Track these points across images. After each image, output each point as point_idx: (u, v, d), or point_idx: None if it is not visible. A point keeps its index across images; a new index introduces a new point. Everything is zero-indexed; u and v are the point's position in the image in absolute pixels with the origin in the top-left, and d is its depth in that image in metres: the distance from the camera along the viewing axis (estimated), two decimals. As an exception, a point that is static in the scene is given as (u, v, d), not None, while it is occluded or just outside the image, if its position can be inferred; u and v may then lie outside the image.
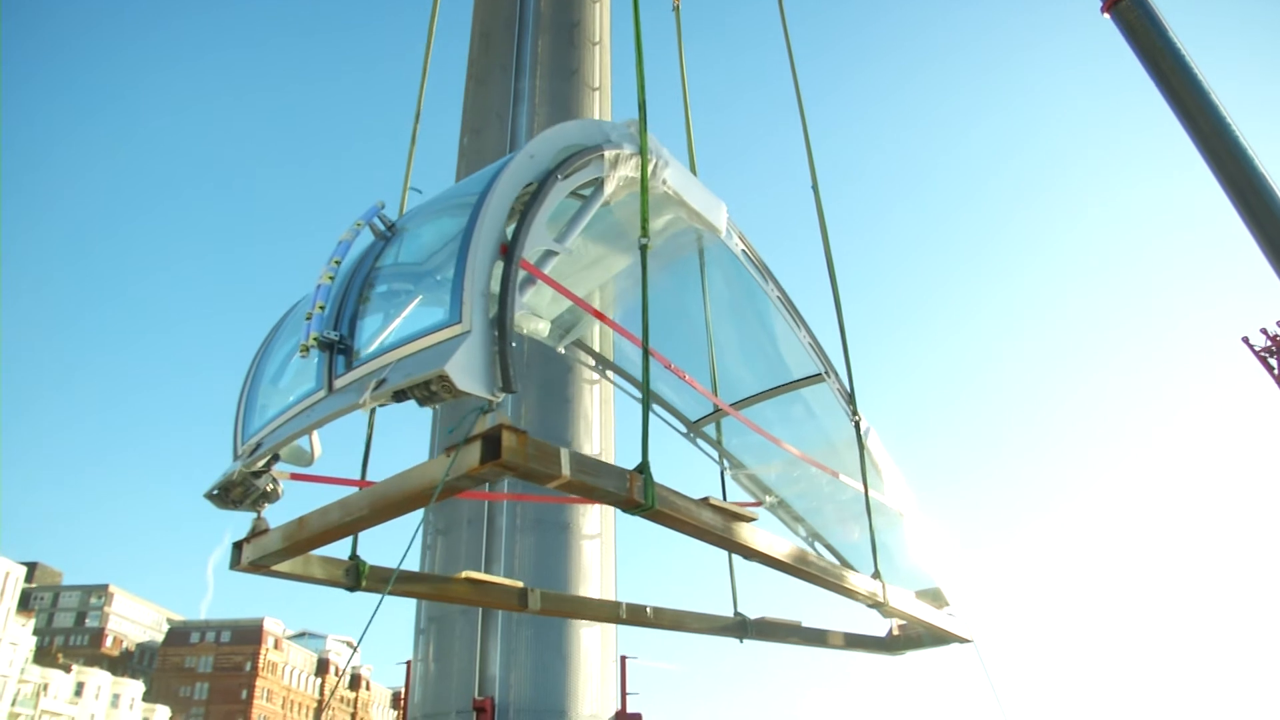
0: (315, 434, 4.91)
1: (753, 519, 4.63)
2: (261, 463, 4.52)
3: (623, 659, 9.61)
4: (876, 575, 6.69)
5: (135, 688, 77.41)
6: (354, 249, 4.75)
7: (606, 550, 11.33)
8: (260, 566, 4.79)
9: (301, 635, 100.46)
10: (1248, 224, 14.36)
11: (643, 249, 4.56)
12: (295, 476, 5.02)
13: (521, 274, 3.97)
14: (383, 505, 3.85)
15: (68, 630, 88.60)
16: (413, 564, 9.64)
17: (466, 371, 3.34)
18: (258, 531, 4.82)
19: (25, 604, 75.69)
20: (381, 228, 4.68)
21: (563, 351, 8.02)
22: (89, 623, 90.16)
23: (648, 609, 7.48)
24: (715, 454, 9.94)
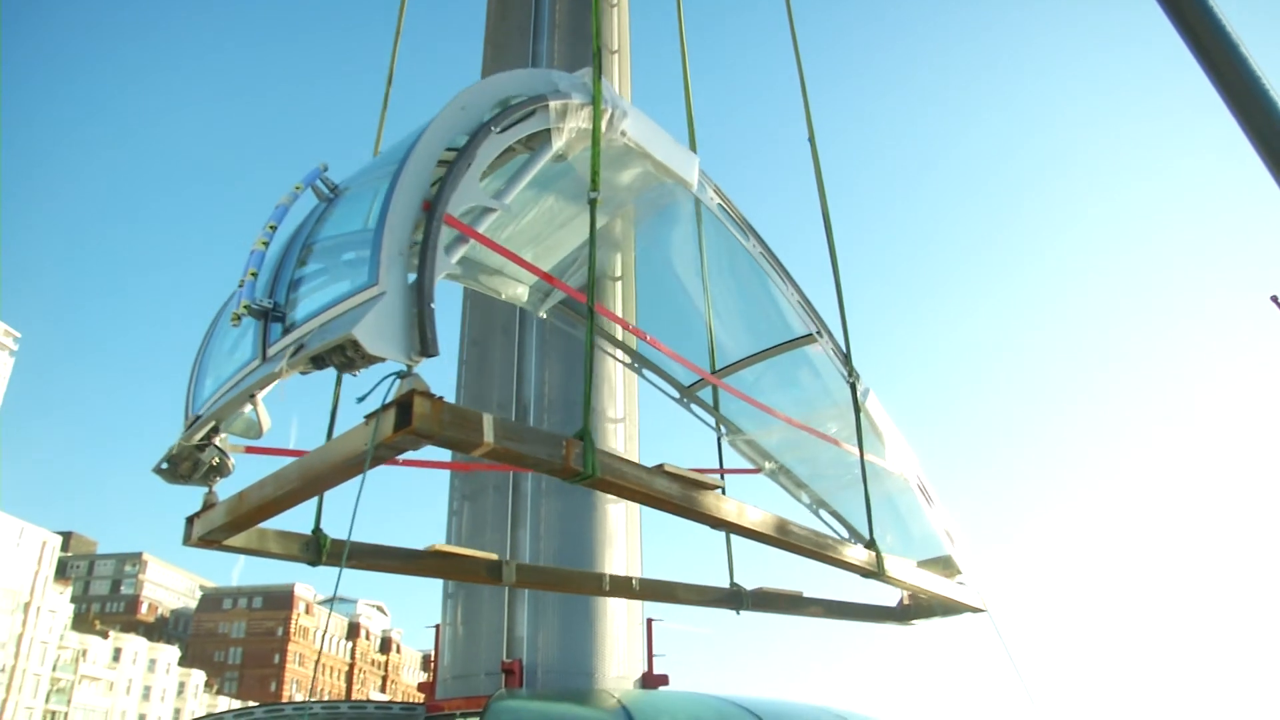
0: (261, 404, 4.80)
1: (716, 487, 4.47)
2: (199, 436, 4.42)
3: (649, 621, 9.52)
4: (871, 544, 6.49)
5: (171, 653, 79.73)
6: (304, 213, 4.60)
7: (632, 514, 11.27)
8: (210, 541, 4.72)
9: (332, 600, 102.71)
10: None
11: (591, 203, 4.37)
12: (250, 450, 4.93)
13: (453, 233, 3.81)
14: (312, 477, 3.74)
15: (104, 598, 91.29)
16: (439, 529, 9.65)
17: (379, 335, 3.19)
18: (207, 506, 4.75)
19: (62, 572, 78.00)
20: (325, 190, 4.51)
21: (544, 316, 7.85)
22: (124, 590, 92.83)
23: (634, 581, 7.38)
24: (711, 420, 9.77)
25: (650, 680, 11.65)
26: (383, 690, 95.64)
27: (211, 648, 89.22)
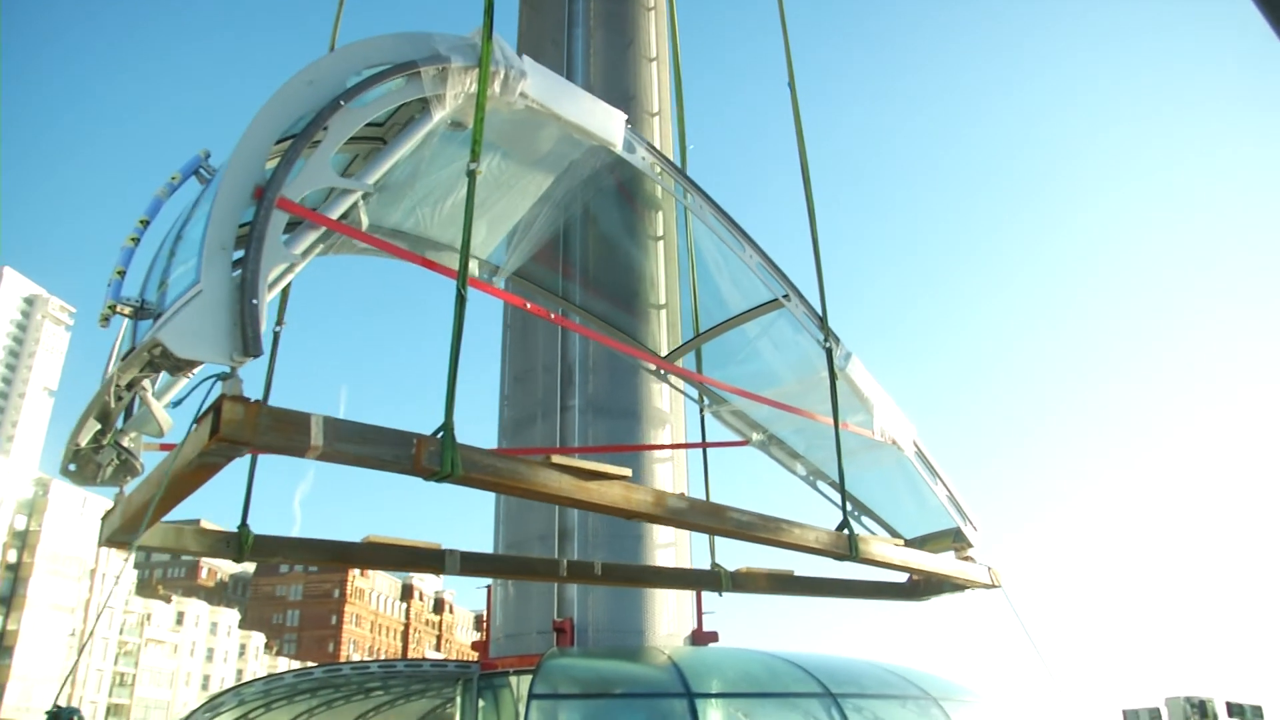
0: (154, 403, 4.71)
1: (617, 476, 4.25)
2: (87, 437, 4.35)
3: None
4: (844, 524, 6.16)
5: (231, 616, 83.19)
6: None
7: (679, 467, 11.24)
8: (117, 543, 4.70)
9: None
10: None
11: (469, 175, 4.12)
12: (165, 447, 4.87)
13: (312, 221, 3.62)
14: (170, 482, 3.62)
15: (165, 564, 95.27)
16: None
17: (190, 337, 3.03)
18: (115, 507, 4.73)
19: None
20: (208, 177, 4.35)
21: (502, 286, 7.66)
22: (184, 558, 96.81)
23: (596, 565, 7.18)
24: (694, 392, 9.50)
25: (700, 637, 11.76)
26: (437, 649, 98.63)
27: (270, 611, 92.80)
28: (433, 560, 5.97)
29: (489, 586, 10.57)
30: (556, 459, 3.93)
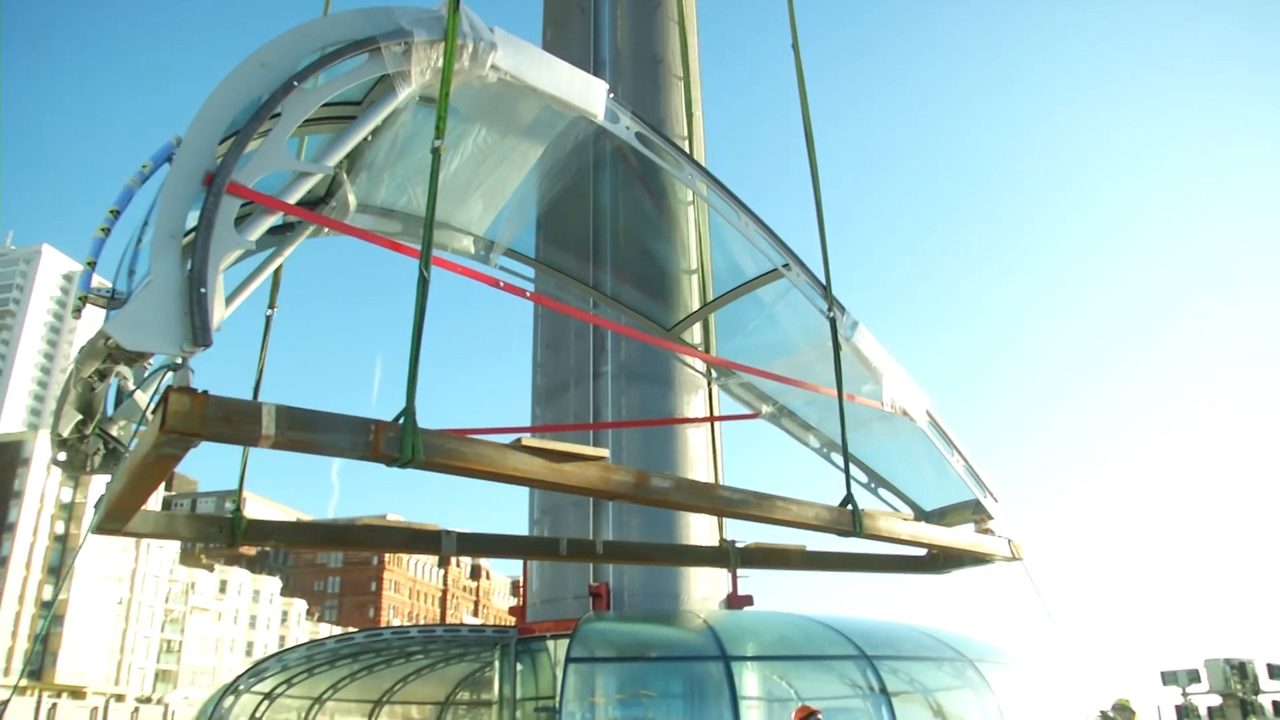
0: (139, 392, 4.76)
1: (594, 457, 4.22)
2: (69, 427, 4.42)
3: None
4: (848, 499, 6.02)
5: (273, 584, 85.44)
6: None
7: (716, 430, 11.24)
8: (108, 530, 4.76)
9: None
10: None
11: (434, 153, 4.07)
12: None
13: (258, 206, 3.60)
14: (136, 475, 3.66)
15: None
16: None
17: (137, 328, 3.03)
18: (104, 495, 4.81)
19: (166, 510, 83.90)
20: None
21: (496, 266, 7.61)
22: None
23: (598, 544, 7.13)
24: (700, 365, 9.41)
25: (735, 601, 11.85)
26: (475, 615, 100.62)
27: (311, 578, 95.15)
28: (429, 542, 6.02)
29: (525, 561, 10.70)
30: (527, 441, 3.91)
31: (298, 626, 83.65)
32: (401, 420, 3.48)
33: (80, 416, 4.37)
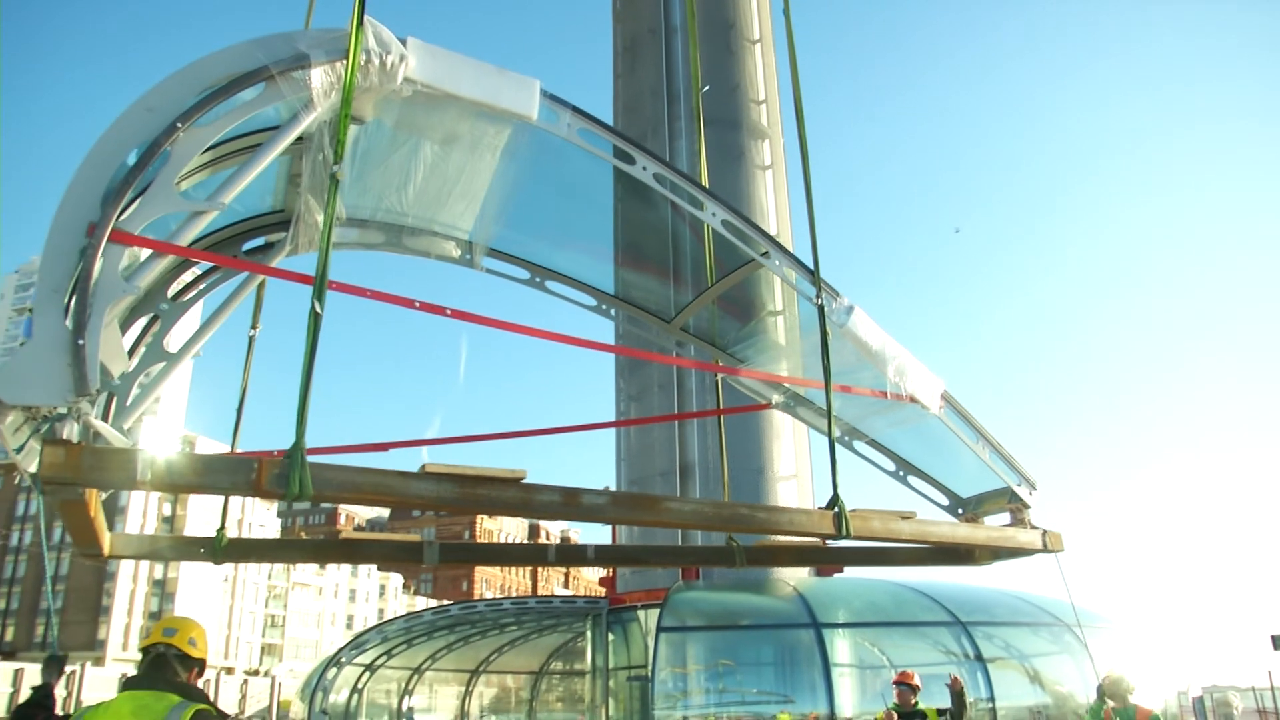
0: (103, 424, 5.07)
1: (515, 478, 4.27)
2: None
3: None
4: (834, 500, 5.73)
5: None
6: None
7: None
8: (89, 557, 5.08)
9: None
10: None
11: (331, 179, 4.17)
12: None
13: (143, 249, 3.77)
14: (61, 513, 3.94)
15: (306, 511, 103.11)
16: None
17: (19, 383, 3.25)
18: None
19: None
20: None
21: (484, 270, 7.67)
22: (322, 505, 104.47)
23: (589, 549, 7.12)
24: (705, 356, 9.32)
25: (825, 568, 11.86)
26: (565, 586, 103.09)
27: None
28: (411, 552, 6.21)
29: (613, 525, 10.89)
30: (431, 467, 4.02)
31: (395, 600, 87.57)
32: (288, 455, 3.62)
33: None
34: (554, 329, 5.30)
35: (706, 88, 21.00)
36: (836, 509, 5.72)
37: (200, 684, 3.36)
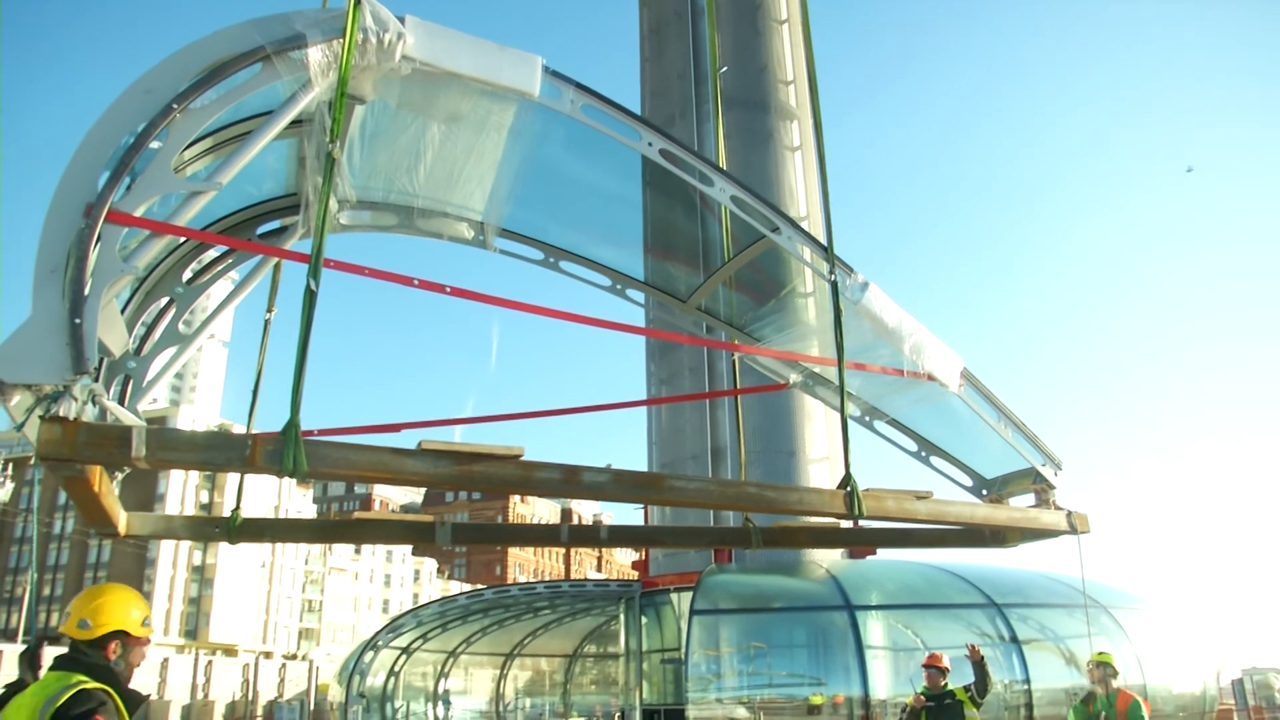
0: (116, 405, 5.19)
1: (513, 455, 4.30)
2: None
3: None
4: (846, 480, 5.66)
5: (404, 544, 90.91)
6: None
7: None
8: (106, 535, 5.23)
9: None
10: None
11: (327, 159, 4.22)
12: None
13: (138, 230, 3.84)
14: (68, 490, 4.05)
15: (340, 497, 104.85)
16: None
17: (17, 362, 3.34)
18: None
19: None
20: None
21: (497, 251, 7.70)
22: (357, 490, 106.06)
23: (601, 530, 7.14)
24: (723, 335, 9.29)
25: (857, 551, 11.85)
26: (598, 570, 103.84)
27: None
28: (424, 532, 6.27)
29: (646, 507, 10.92)
30: (427, 444, 4.06)
31: (430, 584, 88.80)
32: (283, 432, 3.69)
33: None
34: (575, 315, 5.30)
35: (724, 69, 20.93)
36: (849, 488, 5.65)
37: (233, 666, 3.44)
